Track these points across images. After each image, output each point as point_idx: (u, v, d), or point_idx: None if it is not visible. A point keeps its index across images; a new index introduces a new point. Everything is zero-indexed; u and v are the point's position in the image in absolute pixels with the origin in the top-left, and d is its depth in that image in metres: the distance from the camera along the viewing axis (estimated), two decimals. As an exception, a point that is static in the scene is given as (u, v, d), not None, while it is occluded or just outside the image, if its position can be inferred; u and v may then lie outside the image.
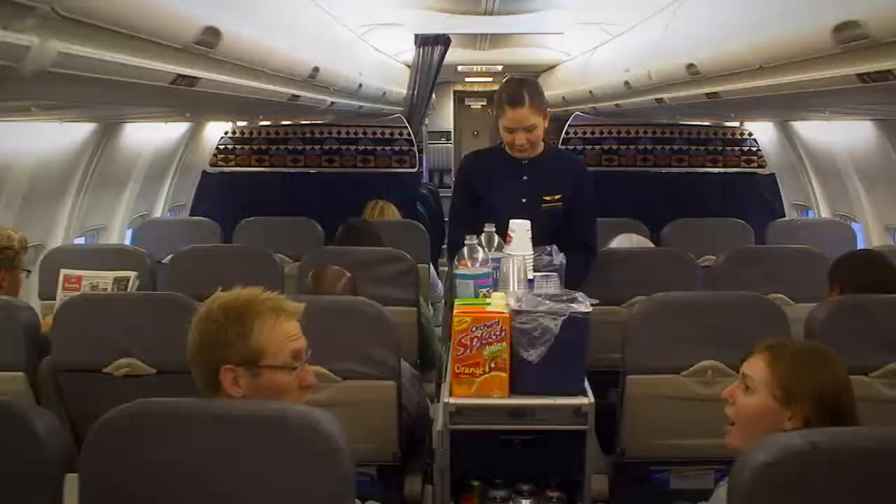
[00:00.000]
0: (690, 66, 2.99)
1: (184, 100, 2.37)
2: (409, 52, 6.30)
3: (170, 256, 3.81)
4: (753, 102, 3.01)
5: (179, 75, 1.75)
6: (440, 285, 4.69)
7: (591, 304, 2.01)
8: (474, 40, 6.73)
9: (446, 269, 5.40)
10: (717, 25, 2.81)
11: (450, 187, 10.63)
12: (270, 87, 2.56)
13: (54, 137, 3.38)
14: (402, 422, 2.55)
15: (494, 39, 6.66)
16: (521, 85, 2.87)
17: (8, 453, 1.53)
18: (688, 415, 2.50)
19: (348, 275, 2.84)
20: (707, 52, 2.85)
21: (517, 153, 2.90)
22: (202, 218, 4.82)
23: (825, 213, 4.93)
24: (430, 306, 4.23)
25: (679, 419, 2.50)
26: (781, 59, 2.16)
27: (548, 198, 2.93)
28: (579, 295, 2.04)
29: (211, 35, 1.76)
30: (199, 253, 3.56)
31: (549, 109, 2.90)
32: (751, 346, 1.80)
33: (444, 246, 6.33)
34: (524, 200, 2.90)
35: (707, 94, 3.03)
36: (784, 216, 5.46)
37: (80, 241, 3.97)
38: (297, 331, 1.74)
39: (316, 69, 2.97)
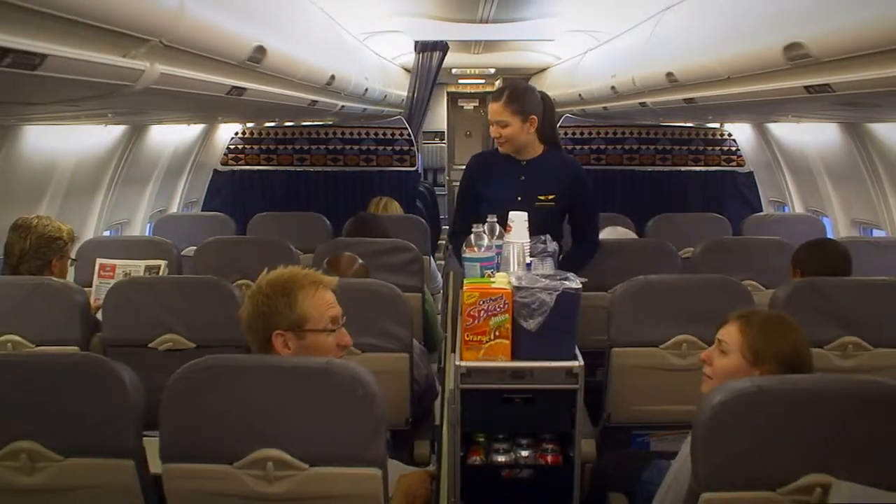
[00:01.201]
0: (669, 74, 3.33)
1: (227, 107, 2.69)
2: (406, 56, 6.62)
3: (190, 248, 4.15)
4: (725, 107, 3.35)
5: (233, 87, 2.07)
6: (439, 276, 5.01)
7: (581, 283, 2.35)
8: (469, 45, 7.02)
9: (443, 262, 5.76)
10: (693, 39, 3.14)
11: (443, 185, 10.97)
12: (296, 93, 2.89)
13: (90, 139, 3.69)
14: (413, 391, 2.89)
15: (488, 44, 6.94)
16: (508, 85, 3.21)
17: (102, 396, 1.86)
18: (665, 383, 2.83)
19: (361, 261, 3.17)
20: (684, 63, 3.19)
21: (499, 146, 3.22)
22: (217, 213, 5.13)
23: (799, 209, 5.28)
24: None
25: (657, 387, 2.83)
26: (744, 72, 2.50)
27: (542, 197, 3.22)
28: (570, 274, 2.38)
29: (259, 52, 2.09)
30: (222, 243, 3.87)
31: (533, 114, 3.13)
32: (726, 316, 2.14)
33: (441, 241, 6.69)
34: (520, 199, 3.18)
35: (685, 99, 3.37)
36: (762, 211, 5.82)
37: (107, 233, 4.28)
38: (333, 300, 2.08)
39: (332, 77, 3.30)
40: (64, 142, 3.36)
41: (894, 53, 1.75)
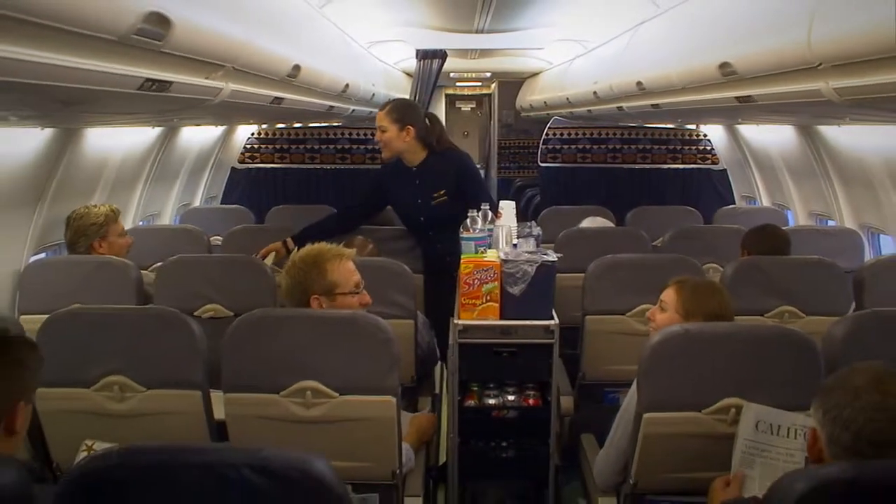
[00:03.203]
0: (639, 83, 3.84)
1: (265, 113, 3.20)
2: (407, 61, 7.10)
3: (215, 237, 4.67)
4: (684, 112, 3.87)
5: (275, 97, 2.58)
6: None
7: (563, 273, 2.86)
8: (466, 51, 7.51)
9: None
10: (658, 53, 3.66)
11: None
12: (319, 101, 3.40)
13: (133, 140, 4.20)
14: (417, 354, 3.39)
15: (484, 50, 7.42)
16: (392, 100, 3.84)
17: (175, 341, 2.37)
18: (630, 347, 3.27)
19: (372, 244, 3.69)
20: (650, 73, 3.70)
21: (381, 150, 3.80)
22: (237, 206, 5.64)
23: (766, 203, 5.80)
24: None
25: (624, 350, 3.29)
26: (692, 83, 3.01)
27: (435, 195, 3.81)
28: (549, 251, 2.90)
29: (296, 69, 2.59)
30: (248, 230, 4.38)
31: (409, 127, 3.69)
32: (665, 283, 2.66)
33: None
34: (419, 200, 3.81)
35: (652, 104, 3.88)
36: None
37: (140, 223, 4.78)
38: (354, 268, 2.60)
39: (347, 85, 3.81)
40: (113, 143, 3.86)
41: (801, 72, 2.26)
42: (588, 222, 4.54)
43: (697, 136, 6.70)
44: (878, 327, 2.30)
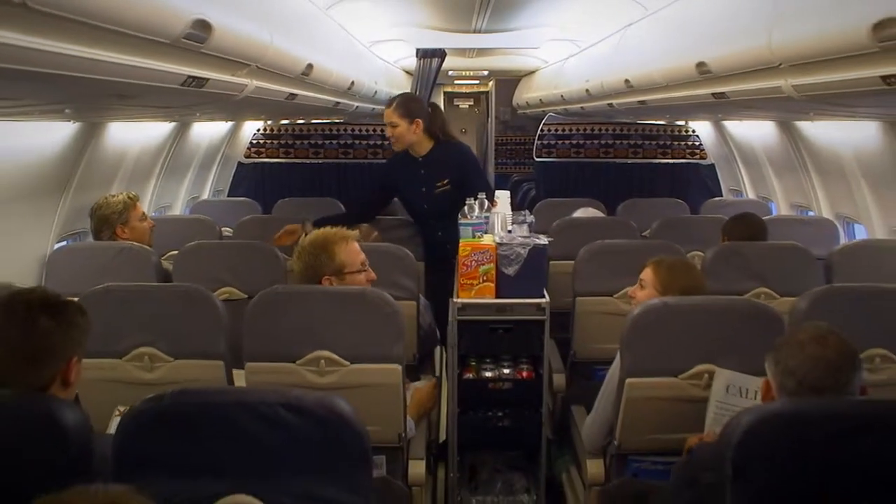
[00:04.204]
0: (627, 80, 4.08)
1: (279, 108, 3.44)
2: (407, 59, 7.33)
3: (224, 228, 4.90)
4: (669, 108, 4.11)
5: (290, 94, 2.82)
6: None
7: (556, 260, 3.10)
8: (464, 50, 7.73)
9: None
10: (643, 54, 3.89)
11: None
12: (327, 97, 3.64)
13: (148, 134, 4.43)
14: (419, 334, 3.63)
15: (482, 49, 7.67)
16: (398, 97, 4.07)
17: (200, 315, 2.61)
18: (618, 325, 3.50)
19: (376, 232, 3.93)
20: (637, 72, 3.94)
21: (392, 144, 4.05)
22: (245, 198, 5.88)
23: (752, 196, 6.05)
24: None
25: (612, 329, 3.47)
26: (673, 82, 3.26)
27: (439, 184, 4.05)
28: (542, 235, 3.14)
29: (308, 68, 2.83)
30: (257, 220, 4.62)
31: (418, 120, 3.93)
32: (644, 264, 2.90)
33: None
34: (424, 189, 4.05)
35: (638, 101, 4.13)
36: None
37: (153, 214, 5.01)
38: (358, 248, 2.83)
39: (352, 83, 4.04)
40: (131, 137, 4.09)
41: (765, 71, 2.50)
42: (580, 213, 4.77)
43: (686, 131, 6.95)
44: (836, 300, 2.55)
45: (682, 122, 6.86)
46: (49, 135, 3.37)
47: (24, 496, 1.16)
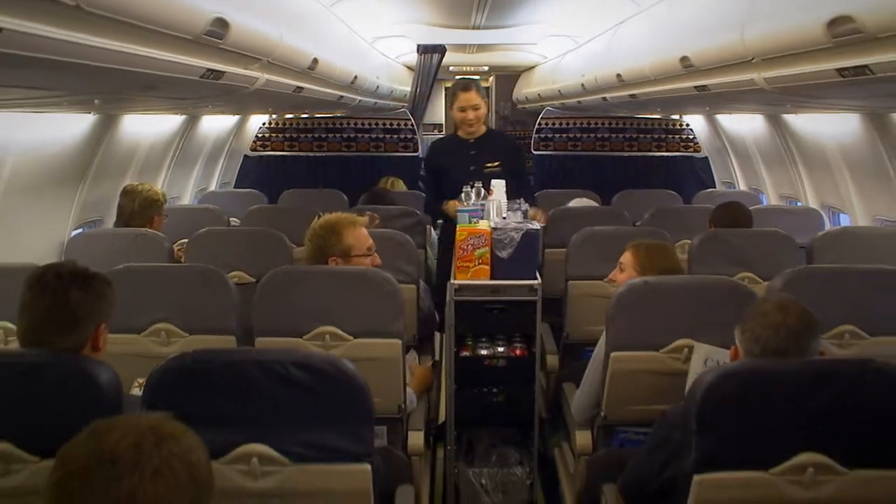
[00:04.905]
0: (619, 75, 4.26)
1: (285, 100, 3.62)
2: (408, 55, 7.52)
3: (232, 218, 5.08)
4: (658, 101, 4.29)
5: (297, 87, 3.00)
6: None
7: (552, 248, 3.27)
8: (464, 46, 7.90)
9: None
10: (634, 49, 4.07)
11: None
12: (332, 91, 3.82)
13: (159, 127, 4.61)
14: (419, 316, 3.80)
15: (481, 45, 7.86)
16: (469, 79, 4.26)
17: (214, 294, 2.79)
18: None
19: (378, 220, 4.11)
20: (627, 66, 4.12)
21: (466, 129, 4.21)
22: (251, 190, 6.07)
23: (743, 187, 6.22)
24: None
25: (602, 311, 3.68)
26: (661, 75, 3.43)
27: (489, 164, 4.21)
28: (534, 221, 3.32)
29: (314, 63, 3.01)
30: (265, 210, 4.81)
31: (485, 101, 4.15)
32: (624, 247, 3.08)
33: (440, 221, 7.61)
34: (472, 168, 4.19)
35: (630, 95, 4.30)
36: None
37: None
38: (366, 234, 3.01)
39: (355, 77, 4.22)
40: (143, 130, 4.28)
41: (740, 65, 2.67)
42: (575, 203, 4.94)
43: (680, 125, 7.14)
44: (809, 280, 2.73)
45: (676, 117, 7.04)
46: (68, 128, 3.56)
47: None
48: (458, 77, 11.98)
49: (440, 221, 4.51)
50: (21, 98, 2.19)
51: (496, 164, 4.20)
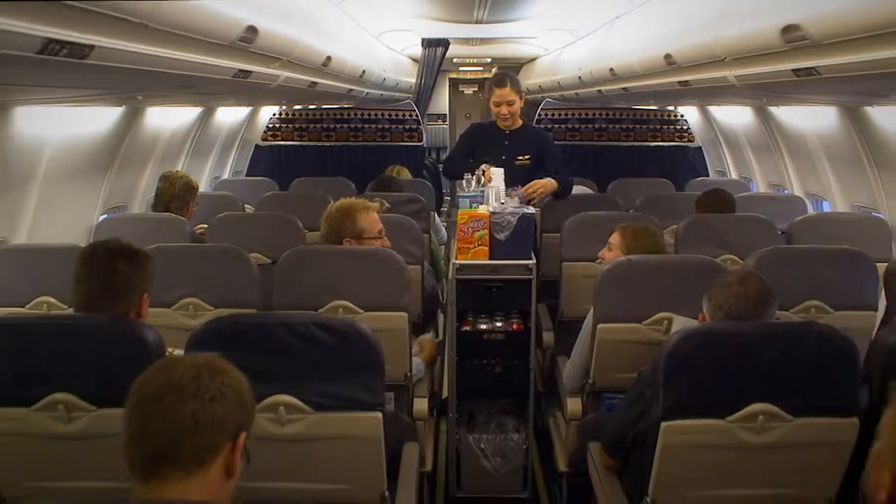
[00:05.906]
0: (611, 69, 4.51)
1: (299, 94, 3.89)
2: (412, 48, 7.77)
3: (245, 204, 5.36)
4: (648, 94, 4.55)
5: (311, 82, 3.27)
6: (443, 230, 6.19)
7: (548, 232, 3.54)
8: (467, 39, 8.18)
9: (445, 222, 6.95)
10: (626, 45, 4.33)
11: (445, 163, 12.12)
12: (342, 84, 4.09)
13: (178, 119, 4.88)
14: (423, 296, 4.07)
15: (484, 38, 8.12)
16: (505, 74, 4.46)
17: (238, 271, 3.07)
18: None
19: (388, 204, 4.38)
20: (619, 61, 4.37)
21: (502, 122, 4.44)
22: (263, 178, 6.34)
23: (735, 177, 6.48)
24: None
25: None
26: (649, 70, 3.69)
27: (520, 157, 4.46)
28: (530, 206, 3.59)
29: (327, 60, 3.28)
30: (278, 197, 5.07)
31: (523, 95, 4.36)
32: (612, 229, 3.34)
33: (443, 209, 7.89)
34: (504, 157, 4.43)
35: (623, 88, 4.56)
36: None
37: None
38: (378, 218, 3.29)
39: (363, 71, 4.49)
40: (164, 121, 4.55)
41: (714, 63, 2.92)
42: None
43: (675, 116, 7.39)
44: (779, 259, 2.99)
45: (671, 108, 7.29)
46: (97, 121, 3.83)
47: (116, 401, 1.52)
48: (461, 68, 12.36)
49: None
50: (76, 96, 2.46)
51: (527, 157, 4.44)
